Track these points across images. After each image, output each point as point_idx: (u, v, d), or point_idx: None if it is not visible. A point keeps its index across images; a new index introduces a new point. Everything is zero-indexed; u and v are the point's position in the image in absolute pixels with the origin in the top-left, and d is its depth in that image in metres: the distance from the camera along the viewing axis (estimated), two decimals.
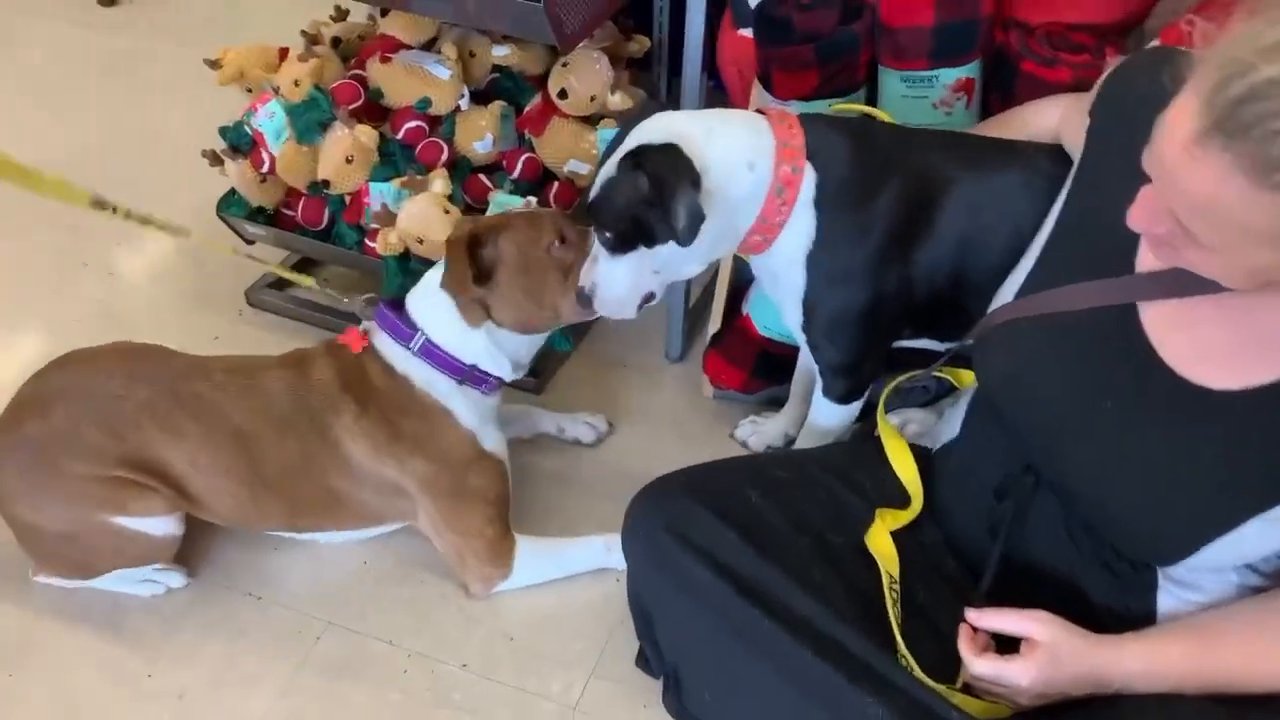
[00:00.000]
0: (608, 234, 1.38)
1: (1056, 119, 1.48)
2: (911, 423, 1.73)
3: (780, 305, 1.54)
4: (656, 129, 1.35)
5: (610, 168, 1.35)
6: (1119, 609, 1.21)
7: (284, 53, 2.11)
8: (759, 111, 1.42)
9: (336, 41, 2.13)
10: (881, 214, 1.40)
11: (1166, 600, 1.17)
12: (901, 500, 1.42)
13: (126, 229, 2.37)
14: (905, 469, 1.44)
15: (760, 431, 1.90)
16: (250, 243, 2.15)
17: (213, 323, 2.16)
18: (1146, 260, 1.11)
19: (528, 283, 1.54)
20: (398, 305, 1.62)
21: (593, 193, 1.38)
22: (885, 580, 1.28)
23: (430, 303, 1.58)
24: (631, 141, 1.35)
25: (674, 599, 1.32)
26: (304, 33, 2.07)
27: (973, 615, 1.16)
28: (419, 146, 1.93)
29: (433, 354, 1.57)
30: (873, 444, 1.50)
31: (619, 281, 1.42)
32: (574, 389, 2.05)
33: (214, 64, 2.09)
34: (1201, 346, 1.07)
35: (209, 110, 2.69)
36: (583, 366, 2.08)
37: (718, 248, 1.44)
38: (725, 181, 1.34)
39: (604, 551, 1.69)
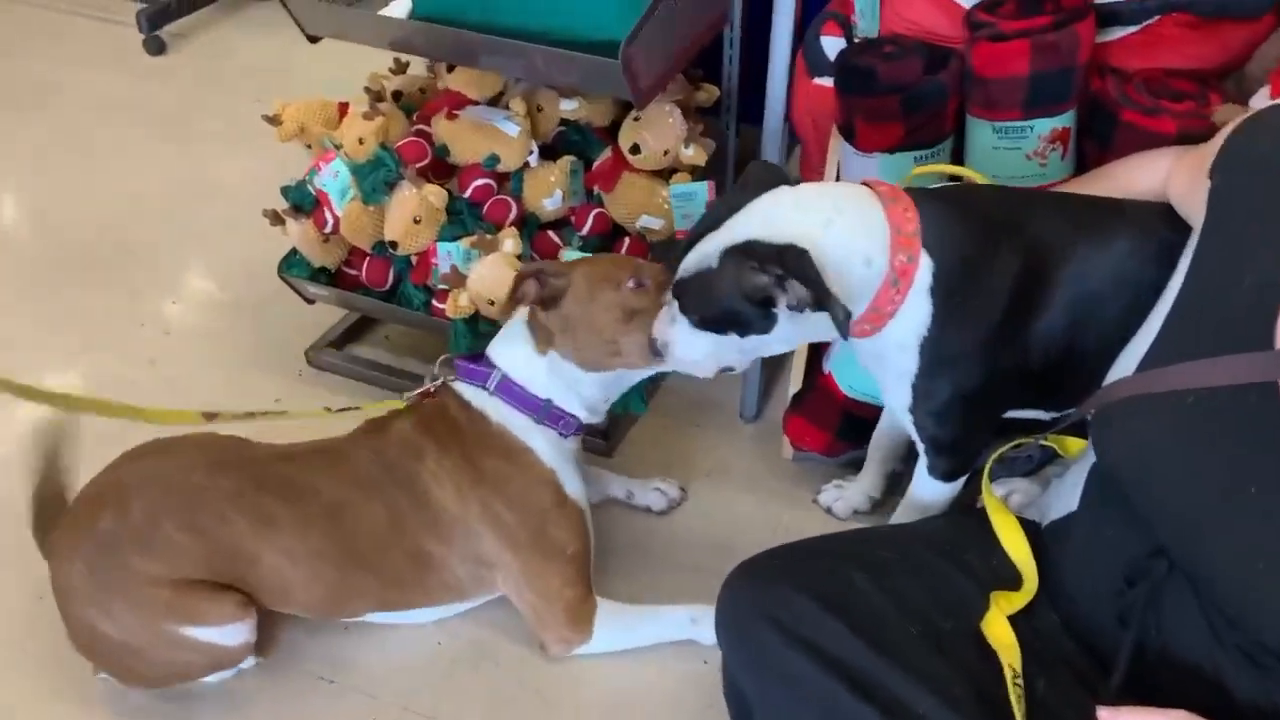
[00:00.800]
0: (693, 318, 1.32)
1: (1162, 176, 1.41)
2: (1015, 493, 1.64)
3: (883, 384, 1.46)
4: (766, 218, 1.27)
5: (710, 256, 1.27)
6: (1266, 706, 1.11)
7: (344, 108, 2.07)
8: (865, 184, 1.35)
9: (397, 95, 2.09)
10: (998, 291, 1.33)
11: None
12: (1013, 580, 1.33)
13: (180, 285, 2.38)
14: (1016, 547, 1.35)
15: (845, 497, 1.82)
16: (311, 302, 2.10)
17: (273, 384, 2.11)
18: None
19: (593, 316, 1.50)
20: (476, 356, 1.61)
21: (681, 271, 1.32)
22: (1008, 675, 1.19)
23: (507, 336, 1.60)
24: (740, 230, 1.27)
25: (776, 694, 1.23)
26: (367, 89, 2.03)
27: (1107, 714, 1.06)
28: (487, 204, 1.88)
29: (509, 390, 1.55)
30: (976, 517, 1.42)
31: (697, 349, 1.37)
32: (645, 450, 1.98)
33: (273, 119, 2.05)
34: None
35: (265, 163, 2.69)
36: (654, 427, 2.01)
37: (819, 335, 1.38)
38: (839, 278, 1.25)
39: (689, 624, 1.61)
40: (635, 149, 1.86)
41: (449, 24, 1.74)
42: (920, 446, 1.50)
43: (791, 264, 1.20)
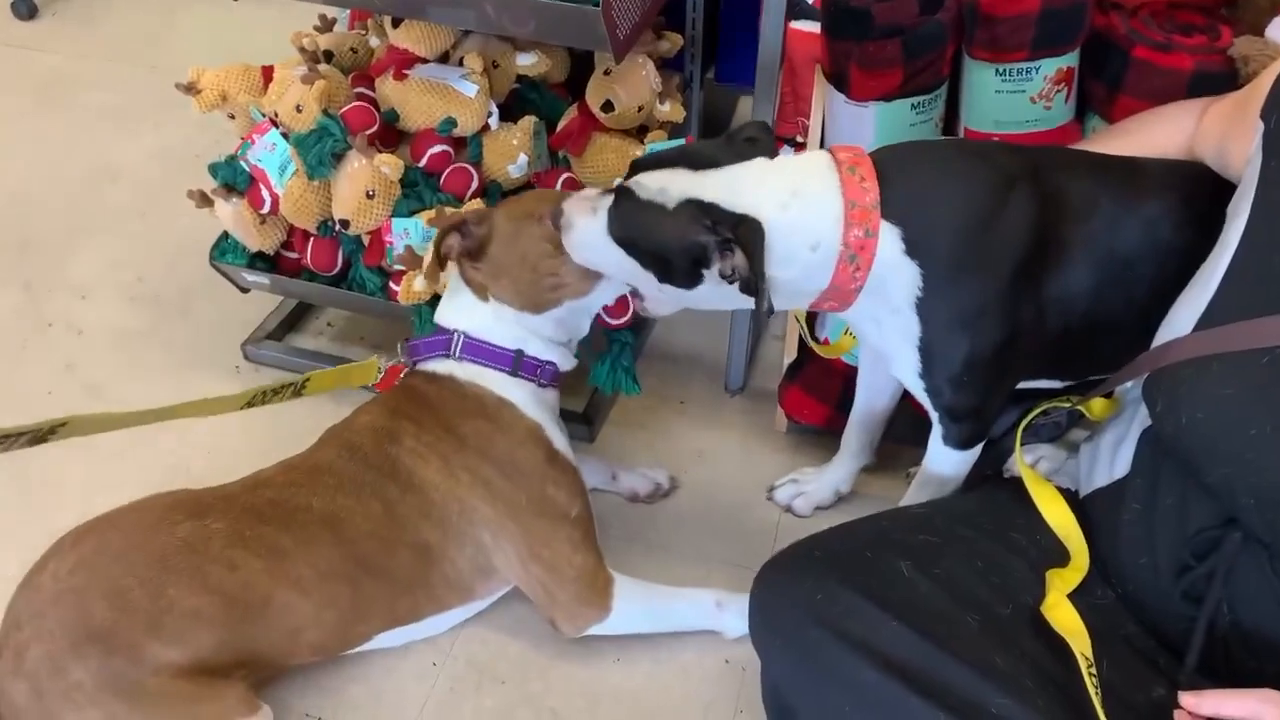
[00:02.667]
0: (620, 231, 1.26)
1: (1186, 132, 1.34)
2: (1043, 459, 1.56)
3: (886, 352, 1.36)
4: (732, 185, 1.21)
5: (668, 194, 1.21)
6: None
7: (268, 72, 1.85)
8: (831, 151, 1.26)
9: (328, 56, 1.88)
10: (1007, 245, 1.24)
11: None
12: (1061, 555, 1.25)
13: (89, 280, 2.13)
14: (1061, 519, 1.27)
15: (806, 493, 1.70)
16: (245, 291, 1.90)
17: (208, 383, 1.90)
18: None
19: (523, 254, 1.42)
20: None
21: (635, 185, 1.24)
22: (1082, 665, 1.10)
23: (451, 295, 1.51)
24: (709, 186, 1.20)
25: (834, 702, 1.13)
26: (302, 49, 1.81)
27: (1190, 700, 0.99)
28: (445, 174, 1.69)
29: (475, 349, 1.47)
30: (1010, 489, 1.33)
31: (597, 251, 1.30)
32: (630, 433, 1.84)
33: (189, 88, 1.82)
34: None
35: (169, 137, 2.43)
36: (636, 408, 1.87)
37: (731, 305, 1.30)
38: (782, 263, 1.21)
39: (714, 609, 1.50)
40: (607, 106, 1.70)
41: None
42: (934, 415, 1.40)
43: (745, 236, 1.16)
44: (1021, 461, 1.33)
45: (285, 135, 1.68)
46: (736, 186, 1.21)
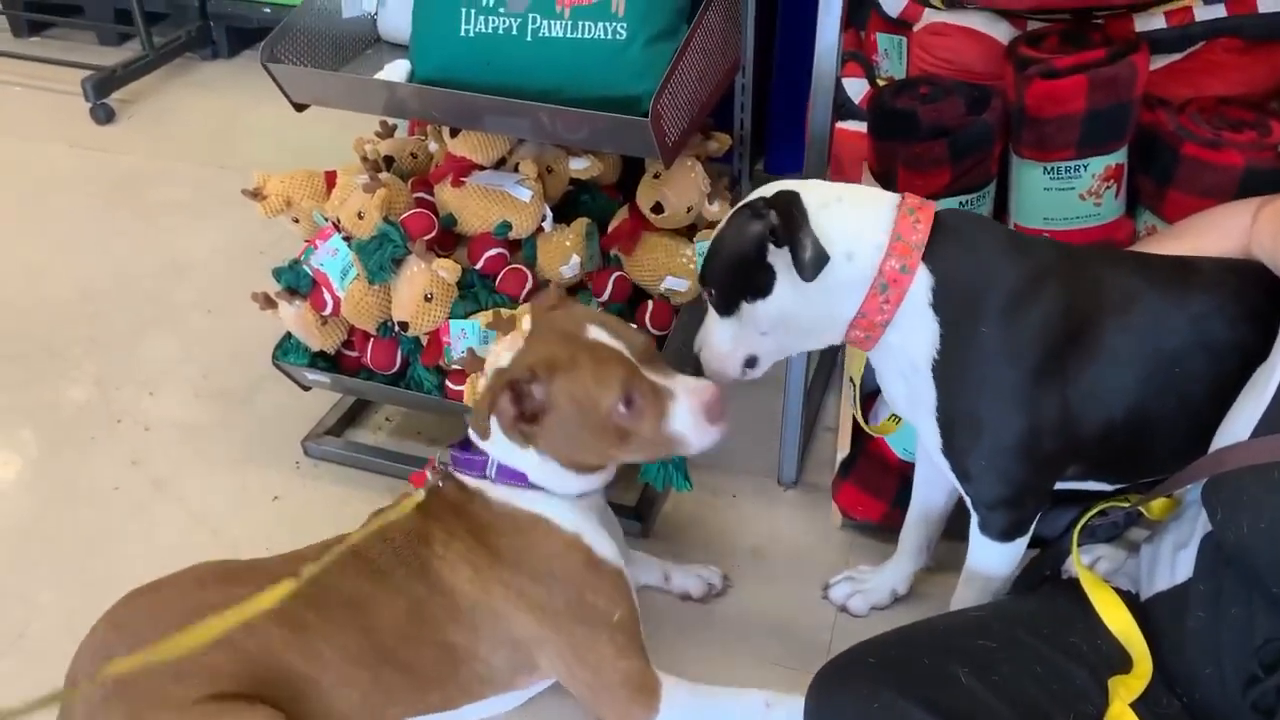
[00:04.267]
0: (713, 291, 1.33)
1: (1239, 231, 1.33)
2: (1102, 559, 1.53)
3: (915, 423, 1.36)
4: (777, 188, 1.28)
5: (719, 227, 1.31)
6: None
7: (331, 177, 1.92)
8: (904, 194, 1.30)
9: (389, 161, 1.95)
10: (1035, 328, 1.24)
11: None
12: (1122, 661, 1.22)
13: (156, 376, 2.20)
14: (1122, 625, 1.24)
15: (864, 591, 1.67)
16: (307, 389, 1.94)
17: (270, 478, 1.94)
18: None
19: (578, 438, 1.36)
20: (467, 441, 1.47)
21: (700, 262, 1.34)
22: None
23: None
24: (760, 192, 1.29)
25: None
26: (364, 158, 1.88)
27: None
28: (500, 275, 1.74)
29: (511, 474, 1.43)
30: (1069, 592, 1.31)
31: (723, 338, 1.34)
32: (682, 529, 1.84)
33: (255, 194, 1.90)
34: None
35: (237, 235, 2.51)
36: (689, 501, 1.87)
37: (817, 330, 1.33)
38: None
39: (763, 710, 1.46)
40: (657, 208, 1.74)
41: (451, 86, 1.60)
42: (968, 501, 1.39)
43: (779, 202, 1.22)
44: (1079, 562, 1.31)
45: (347, 240, 1.74)
46: (780, 188, 1.27)
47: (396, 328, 1.72)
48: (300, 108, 1.76)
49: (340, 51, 1.88)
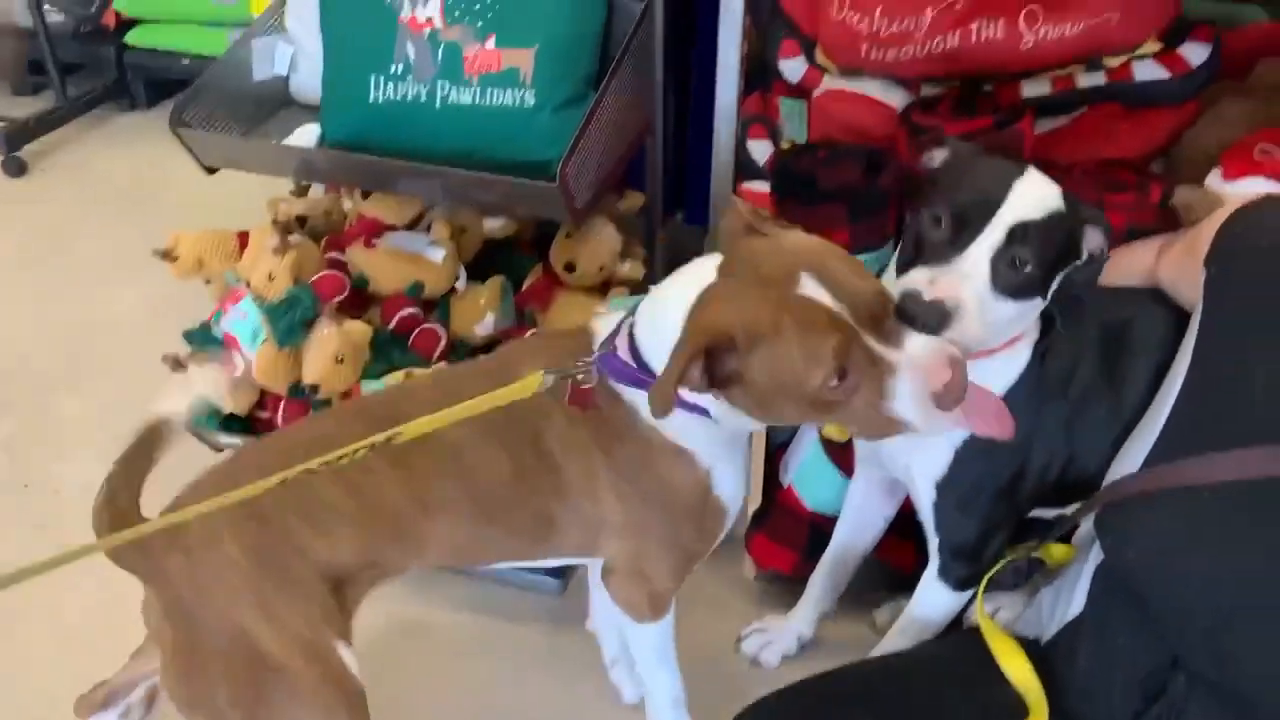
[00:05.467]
0: (1031, 261, 1.17)
1: (1150, 264, 1.39)
2: (1002, 609, 1.57)
3: (909, 475, 1.38)
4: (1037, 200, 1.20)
5: (1048, 200, 1.19)
6: None
7: (244, 238, 1.92)
8: None
9: (302, 221, 1.95)
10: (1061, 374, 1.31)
11: None
12: (1024, 709, 1.26)
13: (68, 438, 2.15)
14: (1020, 672, 1.29)
15: (772, 642, 1.71)
16: (220, 450, 1.92)
17: None
18: None
19: (774, 407, 1.14)
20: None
21: (1018, 214, 1.17)
22: None
23: (657, 338, 1.17)
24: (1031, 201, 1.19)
25: None
26: (275, 221, 1.89)
27: None
28: (413, 334, 1.75)
29: (684, 404, 1.21)
30: (972, 639, 1.35)
31: (999, 312, 1.18)
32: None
33: (166, 254, 1.89)
34: None
35: (156, 292, 2.48)
36: None
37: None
38: None
39: (672, 705, 1.52)
40: (570, 267, 1.77)
41: (361, 150, 1.63)
42: (933, 546, 1.41)
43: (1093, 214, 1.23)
44: (981, 612, 1.35)
45: (259, 303, 1.74)
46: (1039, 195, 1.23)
47: (309, 390, 1.72)
48: (211, 170, 1.76)
49: (253, 113, 1.88)
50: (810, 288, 1.06)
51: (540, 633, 1.78)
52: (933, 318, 1.11)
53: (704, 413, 1.20)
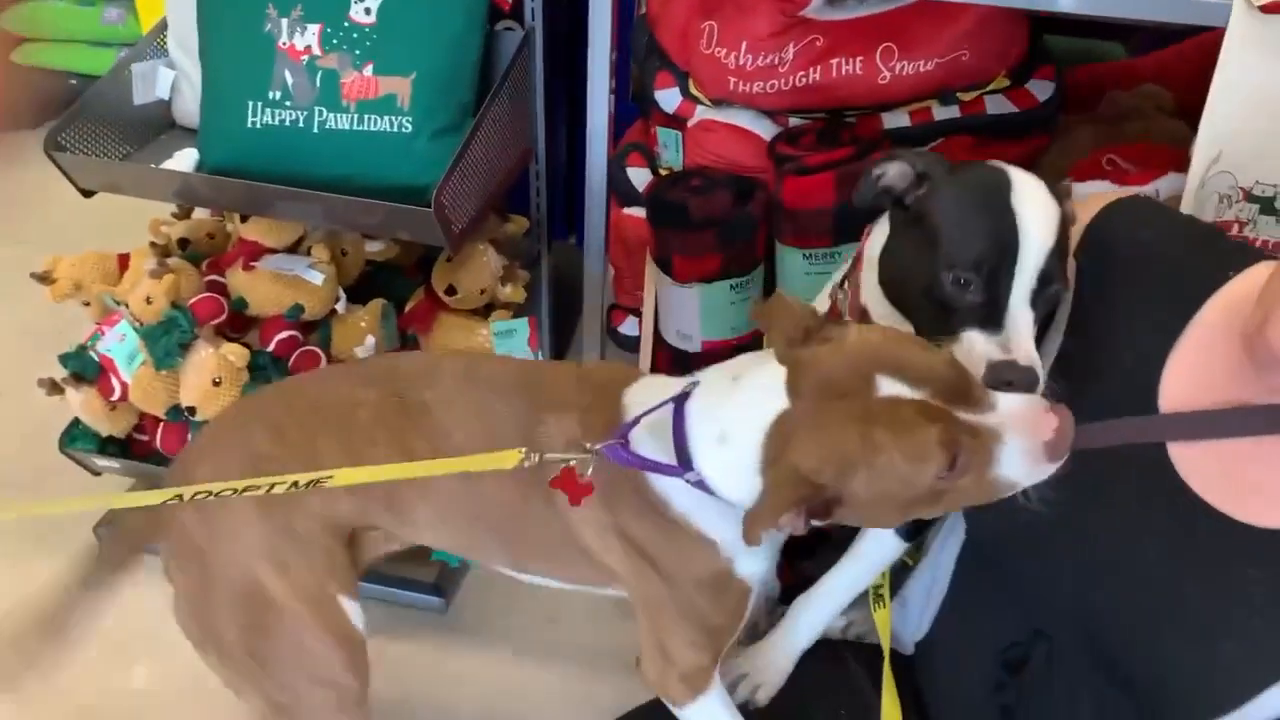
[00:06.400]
0: (1055, 287, 1.13)
1: None
2: (853, 624, 1.63)
3: None
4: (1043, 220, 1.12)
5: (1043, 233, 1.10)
6: None
7: (124, 260, 1.92)
8: None
9: (184, 243, 1.95)
10: None
11: None
12: None
13: None
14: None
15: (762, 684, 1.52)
16: (97, 474, 1.91)
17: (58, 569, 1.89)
18: (1176, 398, 1.06)
19: (877, 515, 1.08)
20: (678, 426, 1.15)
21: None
22: None
23: (727, 447, 1.09)
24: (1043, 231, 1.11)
25: None
26: (153, 243, 1.89)
27: None
28: (293, 357, 1.76)
29: (705, 487, 1.15)
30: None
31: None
32: (485, 599, 1.88)
33: (43, 277, 1.88)
34: (1243, 483, 1.03)
35: (32, 314, 2.43)
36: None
37: None
38: None
39: None
40: (450, 290, 1.80)
41: (240, 175, 1.64)
42: None
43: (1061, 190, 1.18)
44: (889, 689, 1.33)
45: (136, 325, 1.74)
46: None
47: (187, 413, 1.72)
48: (88, 194, 1.76)
49: (135, 135, 1.88)
50: (889, 386, 0.99)
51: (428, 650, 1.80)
52: (1032, 384, 1.06)
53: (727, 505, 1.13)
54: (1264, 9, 1.24)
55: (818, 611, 1.41)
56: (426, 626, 1.84)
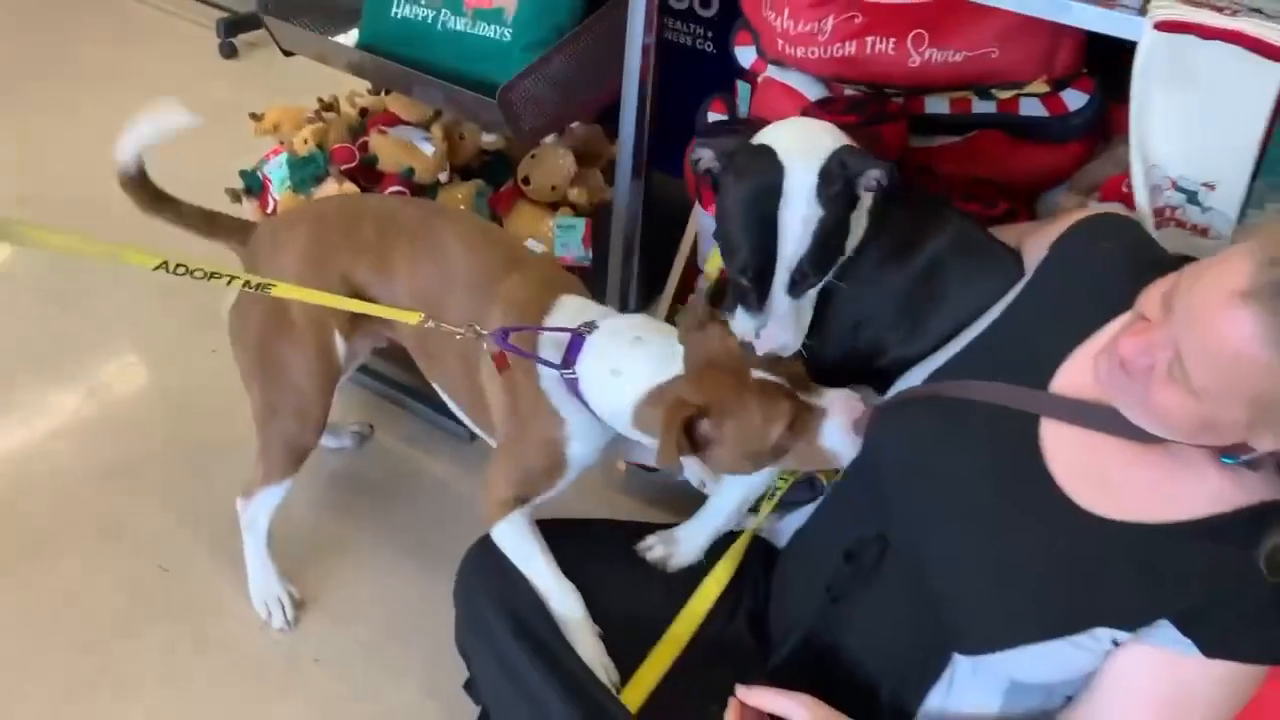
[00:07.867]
0: (811, 277, 1.36)
1: (1021, 234, 1.56)
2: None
3: None
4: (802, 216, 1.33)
5: (799, 231, 1.31)
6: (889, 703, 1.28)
7: (315, 115, 2.43)
8: None
9: (364, 112, 2.43)
10: None
11: (934, 699, 1.25)
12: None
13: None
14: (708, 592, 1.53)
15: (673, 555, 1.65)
16: None
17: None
18: (1065, 385, 1.19)
19: (732, 461, 1.44)
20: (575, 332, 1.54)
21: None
22: None
23: (620, 370, 1.48)
24: (799, 228, 1.32)
25: (476, 643, 1.47)
26: (320, 100, 2.38)
27: (742, 691, 1.20)
28: None
29: (572, 387, 1.53)
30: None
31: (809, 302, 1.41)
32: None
33: (257, 117, 2.42)
34: (1089, 470, 1.14)
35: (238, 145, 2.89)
36: None
37: None
38: None
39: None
40: (526, 180, 2.16)
41: (381, 55, 2.07)
42: None
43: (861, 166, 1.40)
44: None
45: (291, 157, 2.24)
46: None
47: None
48: (288, 54, 2.27)
49: (340, 20, 2.36)
50: (758, 372, 1.40)
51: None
52: (771, 357, 1.39)
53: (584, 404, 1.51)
54: (1158, 26, 1.32)
55: (730, 500, 1.62)
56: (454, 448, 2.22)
